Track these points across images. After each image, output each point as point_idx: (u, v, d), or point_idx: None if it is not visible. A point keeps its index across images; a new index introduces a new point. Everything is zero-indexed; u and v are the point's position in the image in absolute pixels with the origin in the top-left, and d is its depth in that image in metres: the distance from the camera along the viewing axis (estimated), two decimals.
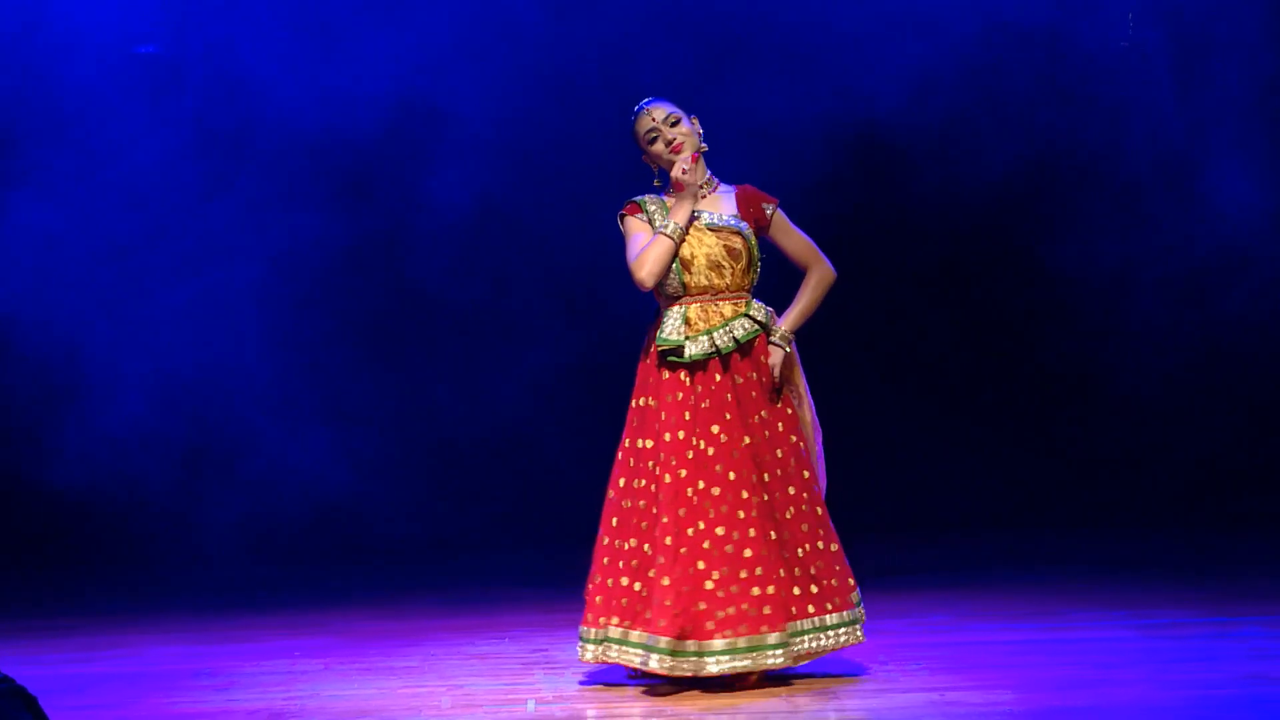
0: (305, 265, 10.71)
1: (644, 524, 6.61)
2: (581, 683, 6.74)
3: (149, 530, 10.63)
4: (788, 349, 6.71)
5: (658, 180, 6.83)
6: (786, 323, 6.73)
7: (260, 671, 7.12)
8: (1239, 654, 6.91)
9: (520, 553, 10.57)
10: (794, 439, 6.69)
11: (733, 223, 6.70)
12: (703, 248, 6.66)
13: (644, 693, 6.53)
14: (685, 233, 6.64)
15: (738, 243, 6.68)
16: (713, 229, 6.68)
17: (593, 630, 6.62)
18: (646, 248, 6.62)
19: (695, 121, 6.77)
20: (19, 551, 10.55)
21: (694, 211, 6.70)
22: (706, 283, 6.65)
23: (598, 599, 6.64)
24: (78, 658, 7.61)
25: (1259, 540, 10.18)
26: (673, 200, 6.72)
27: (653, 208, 6.75)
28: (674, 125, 6.71)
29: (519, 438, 11.06)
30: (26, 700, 5.56)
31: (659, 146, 6.71)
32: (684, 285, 6.66)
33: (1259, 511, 10.85)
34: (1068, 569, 9.32)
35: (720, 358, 6.63)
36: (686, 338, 6.63)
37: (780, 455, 6.65)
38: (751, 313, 6.68)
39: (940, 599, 8.47)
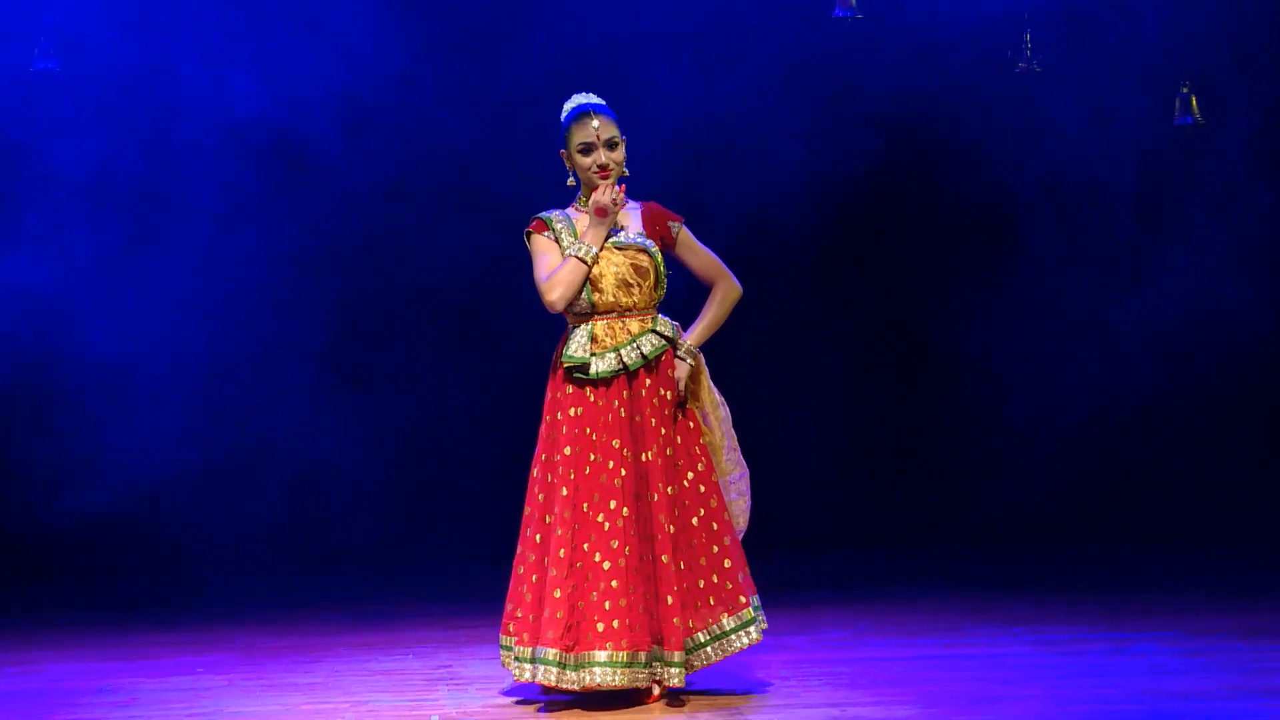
0: (251, 274, 10.75)
1: (538, 536, 6.65)
2: (485, 699, 6.75)
3: (48, 544, 10.56)
4: (692, 362, 6.74)
5: (571, 180, 6.79)
6: (692, 337, 6.77)
7: (163, 688, 7.09)
8: (1136, 670, 6.98)
9: (425, 568, 10.57)
10: (696, 451, 6.74)
11: (639, 241, 6.72)
12: (611, 267, 6.67)
13: (547, 709, 6.55)
14: (598, 256, 6.67)
15: (645, 261, 6.70)
16: (620, 248, 6.70)
17: (519, 649, 6.65)
18: (559, 270, 6.63)
19: (624, 142, 6.77)
20: None
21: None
22: (615, 301, 6.68)
23: (519, 614, 6.67)
24: None
25: (1154, 558, 10.29)
26: (581, 219, 6.75)
27: (559, 226, 6.75)
28: (613, 148, 6.72)
29: (423, 454, 11.06)
30: None
31: (588, 160, 6.71)
32: (593, 304, 6.68)
33: (1154, 529, 10.97)
34: (965, 585, 9.40)
35: (627, 374, 6.65)
36: (592, 355, 6.64)
37: (679, 467, 6.70)
38: (659, 328, 6.71)
39: (840, 615, 8.51)
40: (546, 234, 6.76)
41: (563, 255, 6.68)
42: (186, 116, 10.62)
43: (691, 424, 6.75)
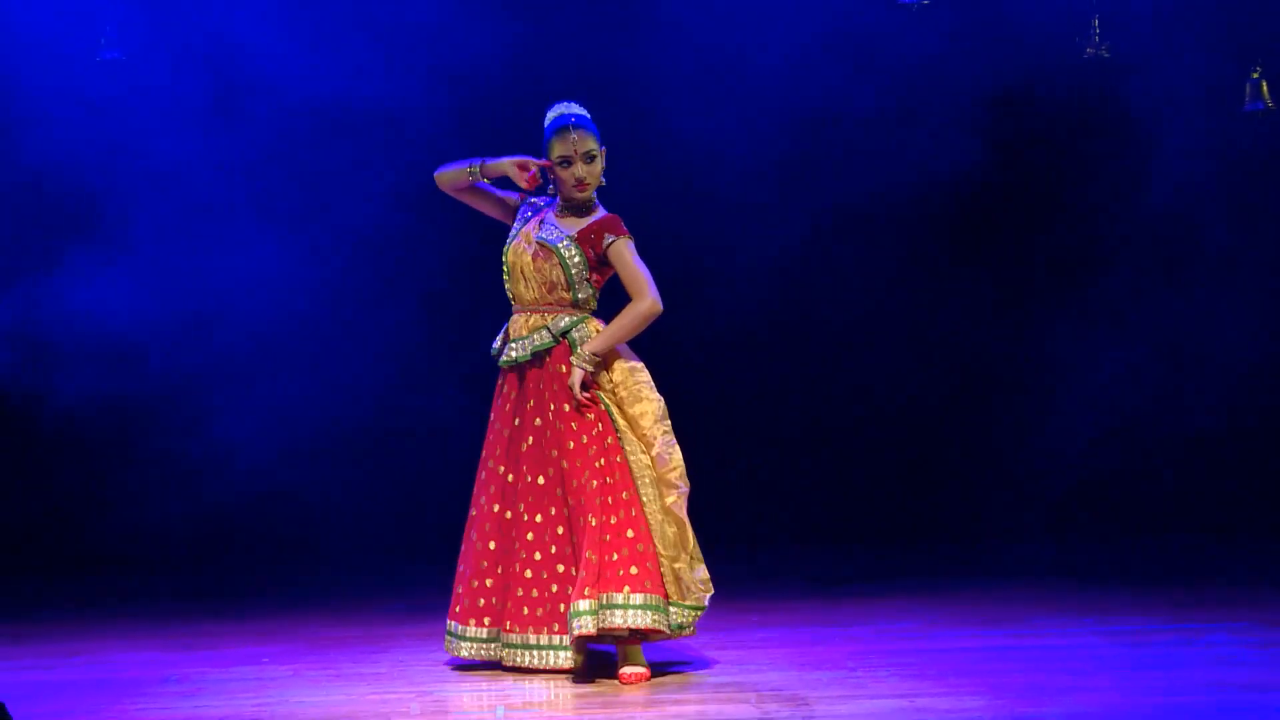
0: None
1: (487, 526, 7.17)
2: (552, 688, 6.73)
3: (112, 533, 10.60)
4: (589, 369, 6.94)
5: (552, 189, 7.11)
6: (590, 345, 6.98)
7: (228, 678, 7.10)
8: (1204, 661, 6.93)
9: None
10: (594, 452, 6.92)
11: (556, 241, 7.01)
12: (521, 258, 7.05)
13: (603, 694, 6.54)
14: (480, 175, 7.10)
15: (553, 260, 6.99)
16: (542, 243, 7.02)
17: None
18: (456, 163, 7.15)
19: (603, 153, 7.08)
20: None
21: (541, 222, 7.08)
22: (524, 294, 7.06)
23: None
24: (44, 664, 7.58)
25: (1221, 549, 10.22)
26: (554, 211, 7.13)
27: (530, 202, 7.18)
28: (590, 161, 7.02)
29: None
30: None
31: (566, 175, 7.03)
32: (511, 295, 7.11)
33: (1221, 521, 10.89)
34: (1033, 577, 9.34)
35: (519, 366, 7.02)
36: (506, 344, 7.05)
37: (566, 466, 6.94)
38: (550, 324, 6.99)
39: (906, 606, 8.47)
40: (513, 196, 7.22)
41: (502, 209, 7.24)
42: (279, 96, 10.59)
43: (590, 436, 6.95)
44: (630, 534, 6.84)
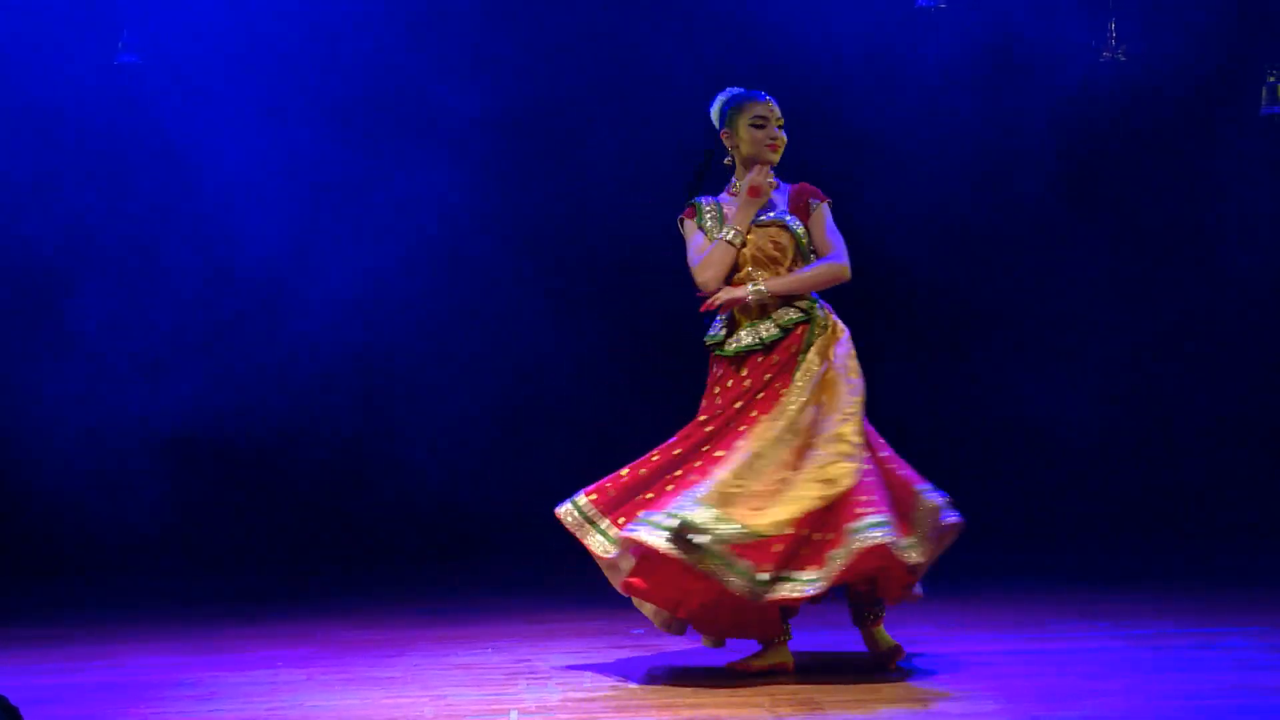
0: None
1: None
2: (565, 693, 6.72)
3: (126, 538, 10.61)
4: (750, 299, 6.84)
5: (729, 159, 7.03)
6: (774, 284, 6.87)
7: (243, 681, 7.10)
8: (1224, 665, 6.90)
9: (504, 562, 10.56)
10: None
11: (781, 216, 6.95)
12: (750, 248, 6.94)
13: (623, 699, 6.53)
14: (744, 237, 6.89)
15: (784, 238, 6.93)
16: (760, 226, 6.95)
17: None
18: (709, 252, 6.90)
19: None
20: None
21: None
22: (751, 279, 6.89)
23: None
24: (58, 668, 7.58)
25: (1240, 553, 10.19)
26: (731, 204, 7.00)
27: (707, 213, 7.02)
28: (781, 127, 6.99)
29: (507, 441, 11.05)
30: (8, 710, 5.55)
31: (761, 135, 6.95)
32: (732, 284, 6.92)
33: (1240, 524, 10.86)
34: (1050, 581, 9.32)
35: (763, 349, 6.87)
36: (728, 333, 6.93)
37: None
38: (799, 303, 6.91)
39: (923, 609, 8.43)
40: (695, 220, 7.03)
41: (709, 239, 6.94)
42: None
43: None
44: None
